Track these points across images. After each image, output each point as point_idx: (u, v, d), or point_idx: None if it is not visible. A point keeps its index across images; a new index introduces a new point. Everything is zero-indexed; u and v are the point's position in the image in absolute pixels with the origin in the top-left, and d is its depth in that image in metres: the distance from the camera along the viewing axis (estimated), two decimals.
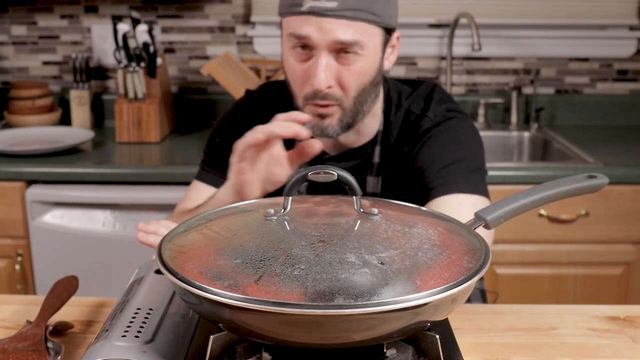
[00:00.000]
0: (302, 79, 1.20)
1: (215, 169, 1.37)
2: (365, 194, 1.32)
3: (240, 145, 1.11)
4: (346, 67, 1.18)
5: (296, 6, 1.16)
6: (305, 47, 1.18)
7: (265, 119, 1.37)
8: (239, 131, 1.38)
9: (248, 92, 1.43)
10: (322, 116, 1.21)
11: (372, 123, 1.30)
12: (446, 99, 1.33)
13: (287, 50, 1.22)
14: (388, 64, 1.26)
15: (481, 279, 1.49)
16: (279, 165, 1.12)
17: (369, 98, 1.24)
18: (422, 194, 1.23)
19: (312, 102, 1.20)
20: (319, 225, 0.80)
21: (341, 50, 1.17)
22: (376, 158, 1.31)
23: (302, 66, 1.20)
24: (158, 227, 1.08)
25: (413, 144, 1.29)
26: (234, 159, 1.12)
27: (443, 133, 1.27)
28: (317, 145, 1.10)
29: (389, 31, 1.23)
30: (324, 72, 1.17)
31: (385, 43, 1.23)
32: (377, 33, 1.20)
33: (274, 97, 1.38)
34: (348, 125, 1.24)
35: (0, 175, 2.05)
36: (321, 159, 1.33)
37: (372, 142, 1.32)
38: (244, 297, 0.69)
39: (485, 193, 1.23)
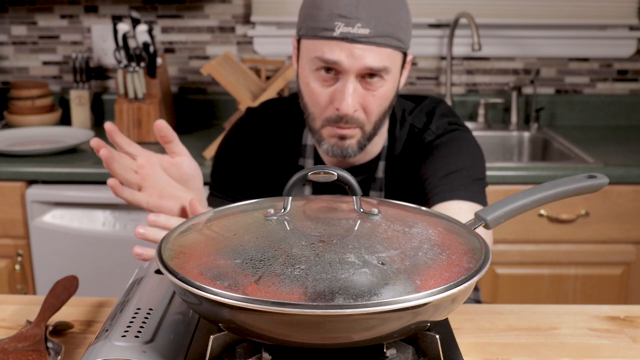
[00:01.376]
0: (325, 103, 1.20)
1: (222, 193, 1.36)
2: None
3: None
4: (371, 92, 1.19)
5: (327, 31, 1.15)
6: (330, 70, 1.18)
7: (267, 138, 1.37)
8: (241, 151, 1.37)
9: (249, 110, 1.43)
10: (343, 138, 1.22)
11: (378, 141, 1.31)
12: (448, 113, 1.33)
13: (308, 72, 1.21)
14: (400, 85, 1.27)
15: (477, 289, 1.49)
16: (167, 163, 1.13)
17: (385, 121, 1.25)
18: (422, 204, 1.23)
19: (334, 124, 1.20)
20: (319, 225, 0.80)
21: (367, 75, 1.17)
22: (380, 173, 1.32)
23: (326, 90, 1.19)
24: (157, 234, 1.07)
25: (416, 157, 1.30)
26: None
27: (445, 144, 1.28)
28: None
29: (405, 54, 1.23)
30: (352, 97, 1.17)
31: (402, 66, 1.24)
32: (399, 58, 1.21)
33: (275, 115, 1.38)
34: (364, 146, 1.25)
35: (0, 175, 2.05)
36: None
37: (376, 158, 1.33)
38: (244, 297, 0.69)
39: (484, 203, 1.23)
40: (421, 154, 1.29)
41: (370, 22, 1.14)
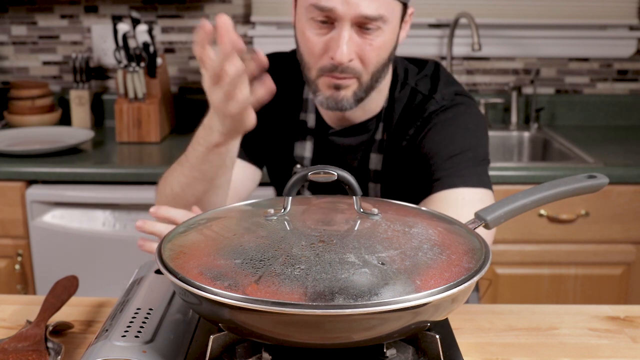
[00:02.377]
0: (320, 52, 1.18)
1: None
2: (367, 170, 1.31)
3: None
4: (368, 41, 1.16)
5: None
6: (326, 19, 1.16)
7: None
8: None
9: None
10: (338, 87, 1.19)
11: (377, 99, 1.28)
12: (452, 81, 1.31)
13: (303, 21, 1.19)
14: (400, 39, 1.25)
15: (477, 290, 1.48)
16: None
17: (383, 74, 1.22)
18: (426, 180, 1.22)
19: (329, 74, 1.18)
20: (319, 225, 0.80)
21: (363, 24, 1.15)
22: (379, 135, 1.30)
23: (321, 39, 1.18)
24: (153, 226, 1.07)
25: (419, 126, 1.27)
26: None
27: (450, 120, 1.25)
28: (262, 58, 1.03)
29: (405, 6, 1.22)
30: (347, 45, 1.15)
31: (402, 18, 1.22)
32: (397, 8, 1.19)
33: (277, 69, 1.36)
34: (361, 99, 1.22)
35: (0, 175, 2.05)
36: (325, 133, 1.32)
37: (376, 119, 1.30)
38: (244, 297, 0.69)
39: (489, 185, 1.22)
40: (424, 124, 1.26)
41: None
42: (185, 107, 2.62)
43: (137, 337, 0.80)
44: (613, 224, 2.07)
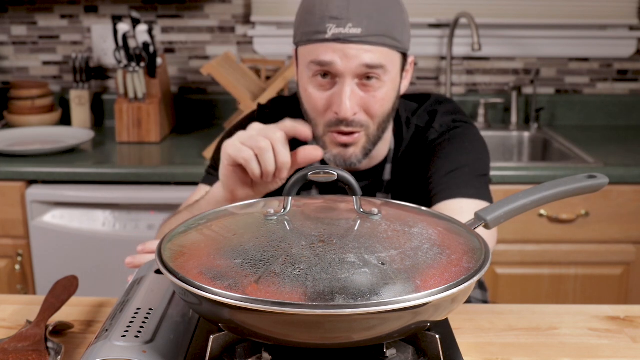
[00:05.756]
0: (324, 108, 1.19)
1: None
2: None
3: (238, 151, 1.04)
4: (371, 94, 1.17)
5: (319, 34, 1.14)
6: (327, 75, 1.17)
7: None
8: None
9: (260, 105, 1.43)
10: (346, 145, 1.20)
11: (383, 146, 1.30)
12: (452, 111, 1.33)
13: (306, 78, 1.20)
14: (402, 88, 1.26)
15: (485, 290, 1.48)
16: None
17: (388, 124, 1.24)
18: (428, 202, 1.23)
19: (335, 129, 1.19)
20: (319, 225, 0.80)
21: (364, 76, 1.16)
22: (387, 176, 1.32)
23: (324, 95, 1.18)
24: (143, 258, 1.07)
25: (421, 156, 1.29)
26: (226, 159, 1.06)
27: (448, 141, 1.27)
28: (318, 153, 1.06)
29: (404, 56, 1.22)
30: (350, 100, 1.15)
31: (403, 68, 1.23)
32: (397, 58, 1.19)
33: (285, 112, 1.38)
34: (369, 152, 1.23)
35: (0, 175, 2.05)
36: (332, 182, 1.32)
37: (382, 162, 1.32)
38: (244, 297, 0.69)
39: (488, 198, 1.23)
40: (425, 152, 1.28)
41: (362, 21, 1.13)
42: (185, 107, 2.62)
43: (137, 337, 0.80)
44: (613, 224, 2.07)
